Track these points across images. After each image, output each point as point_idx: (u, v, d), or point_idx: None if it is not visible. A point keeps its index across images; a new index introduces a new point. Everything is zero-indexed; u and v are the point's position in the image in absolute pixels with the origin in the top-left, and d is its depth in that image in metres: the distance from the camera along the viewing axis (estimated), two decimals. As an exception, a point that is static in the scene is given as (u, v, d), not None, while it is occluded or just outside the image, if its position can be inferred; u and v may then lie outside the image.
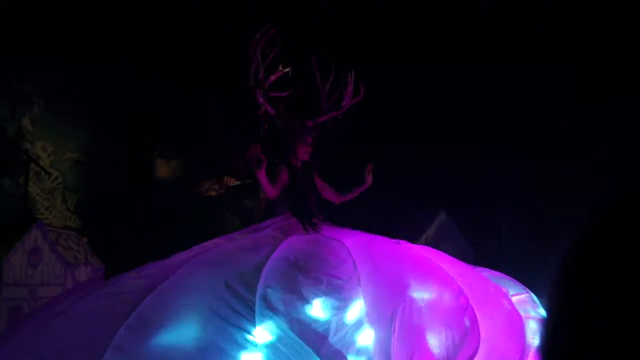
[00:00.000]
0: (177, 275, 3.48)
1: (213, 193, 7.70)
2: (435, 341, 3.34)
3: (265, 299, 3.25)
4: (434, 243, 6.79)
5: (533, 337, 3.98)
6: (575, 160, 6.43)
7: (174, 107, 7.43)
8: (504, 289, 4.00)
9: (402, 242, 4.03)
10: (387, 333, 3.27)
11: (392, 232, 5.28)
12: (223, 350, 3.13)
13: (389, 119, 7.07)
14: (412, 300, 3.38)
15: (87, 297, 3.62)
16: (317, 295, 3.32)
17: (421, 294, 3.44)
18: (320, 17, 6.83)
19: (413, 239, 6.21)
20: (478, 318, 3.47)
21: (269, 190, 4.36)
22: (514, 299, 4.11)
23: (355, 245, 3.81)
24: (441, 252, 4.19)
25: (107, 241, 6.34)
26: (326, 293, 3.33)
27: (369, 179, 4.84)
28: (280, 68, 4.32)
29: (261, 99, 4.31)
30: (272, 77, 4.34)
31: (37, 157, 6.65)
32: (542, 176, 6.63)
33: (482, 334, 3.44)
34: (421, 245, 4.29)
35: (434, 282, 3.53)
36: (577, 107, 6.49)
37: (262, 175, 4.21)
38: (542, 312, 4.12)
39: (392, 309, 3.32)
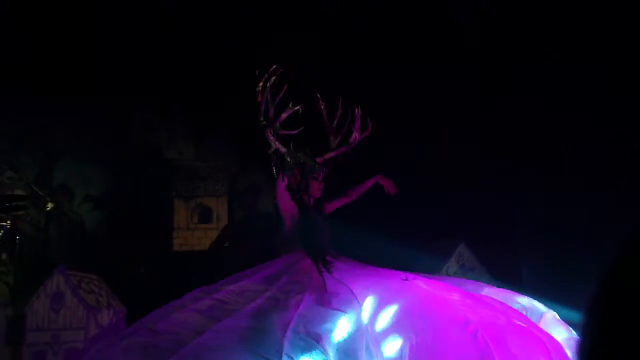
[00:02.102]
0: (200, 346, 3.49)
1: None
2: None
3: None
4: (456, 274, 6.70)
5: None
6: (602, 188, 6.27)
7: (188, 148, 7.51)
8: (519, 311, 3.95)
9: (410, 276, 3.99)
10: None
11: (413, 263, 5.22)
12: None
13: (408, 149, 7.05)
14: (418, 336, 3.39)
15: (108, 348, 3.66)
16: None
17: (428, 330, 3.44)
18: (325, 52, 6.87)
19: (433, 270, 6.12)
20: (490, 344, 3.44)
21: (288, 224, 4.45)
22: (541, 319, 4.03)
23: (364, 289, 3.79)
24: (450, 284, 4.14)
25: (128, 283, 6.36)
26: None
27: (381, 181, 4.73)
28: (290, 106, 4.34)
29: (272, 138, 4.33)
30: (283, 115, 4.37)
31: (57, 201, 6.74)
32: (564, 205, 6.50)
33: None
34: (429, 279, 4.23)
35: (440, 317, 3.53)
36: (604, 135, 6.32)
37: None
38: (574, 331, 4.00)
39: (400, 348, 3.33)
